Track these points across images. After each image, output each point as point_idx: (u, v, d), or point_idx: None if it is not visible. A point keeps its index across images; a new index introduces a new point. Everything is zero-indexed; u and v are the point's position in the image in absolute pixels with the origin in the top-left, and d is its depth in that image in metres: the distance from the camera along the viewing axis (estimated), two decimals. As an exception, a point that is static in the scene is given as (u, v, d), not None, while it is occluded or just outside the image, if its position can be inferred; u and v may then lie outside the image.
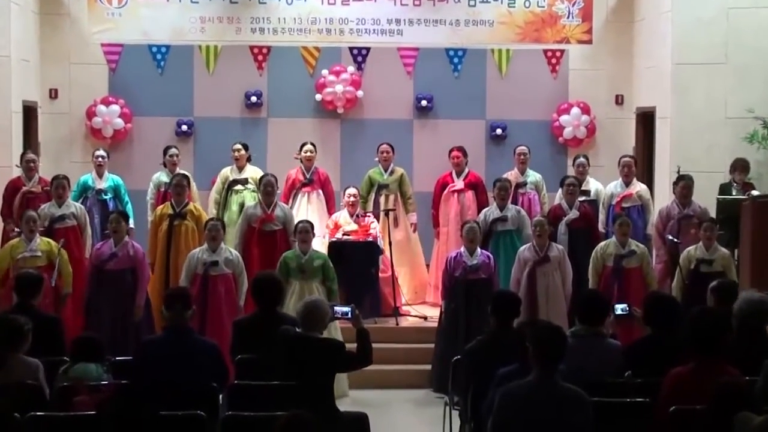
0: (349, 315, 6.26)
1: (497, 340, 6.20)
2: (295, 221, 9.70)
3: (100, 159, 10.91)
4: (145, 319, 8.89)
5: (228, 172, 11.02)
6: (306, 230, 9.11)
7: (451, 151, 11.16)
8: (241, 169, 10.98)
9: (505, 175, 10.94)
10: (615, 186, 10.64)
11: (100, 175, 10.88)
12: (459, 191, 11.05)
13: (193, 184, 10.76)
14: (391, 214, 10.67)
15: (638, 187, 10.64)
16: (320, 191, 11.02)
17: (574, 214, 9.97)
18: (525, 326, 5.53)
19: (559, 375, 4.96)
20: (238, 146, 11.03)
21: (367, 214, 10.64)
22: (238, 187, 10.90)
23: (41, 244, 8.98)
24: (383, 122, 12.38)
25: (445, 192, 11.09)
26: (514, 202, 10.71)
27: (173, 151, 11.03)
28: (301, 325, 6.08)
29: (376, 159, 11.18)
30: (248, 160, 11.06)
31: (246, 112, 12.48)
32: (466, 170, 11.13)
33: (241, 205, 10.67)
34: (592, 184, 10.97)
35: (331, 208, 10.98)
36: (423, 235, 11.33)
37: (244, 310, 8.69)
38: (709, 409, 4.87)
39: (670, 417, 5.28)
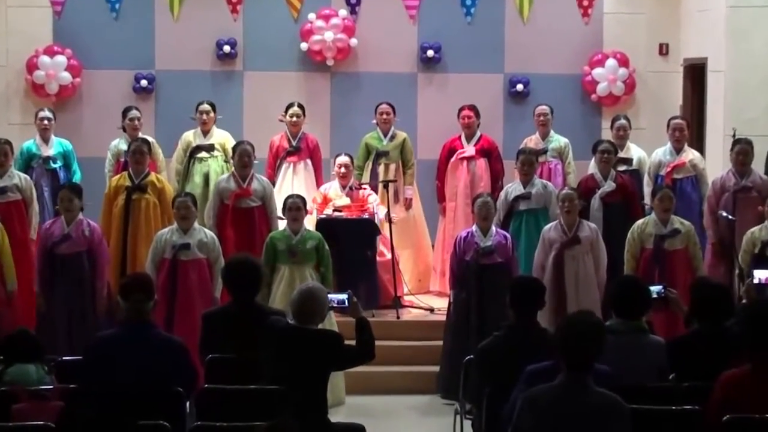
0: (345, 303, 6.27)
1: (517, 336, 6.20)
2: (276, 196, 9.68)
3: (45, 122, 10.88)
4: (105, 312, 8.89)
5: (191, 137, 10.98)
6: (297, 207, 9.12)
7: (460, 110, 11.13)
8: (206, 133, 10.95)
9: (525, 141, 10.91)
10: (663, 153, 10.59)
11: (45, 141, 10.86)
12: (469, 158, 11.03)
13: (159, 151, 10.74)
14: (391, 186, 10.64)
15: (691, 154, 10.60)
16: (308, 161, 11.01)
17: (609, 186, 9.94)
18: (564, 329, 5.27)
19: (591, 378, 4.94)
20: (207, 107, 10.99)
21: (363, 186, 10.62)
22: (203, 154, 10.87)
23: None
24: (382, 77, 12.33)
25: (453, 159, 11.07)
26: (532, 172, 10.70)
27: (134, 113, 10.99)
28: (295, 316, 6.10)
29: (374, 121, 11.15)
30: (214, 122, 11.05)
31: (217, 65, 12.43)
32: (478, 133, 11.11)
33: (206, 176, 10.68)
34: (634, 151, 10.93)
35: (318, 180, 10.96)
36: (427, 212, 11.32)
37: (221, 302, 8.66)
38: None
39: (723, 427, 5.29)
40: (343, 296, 6.30)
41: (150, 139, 10.65)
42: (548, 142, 11.13)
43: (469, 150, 11.04)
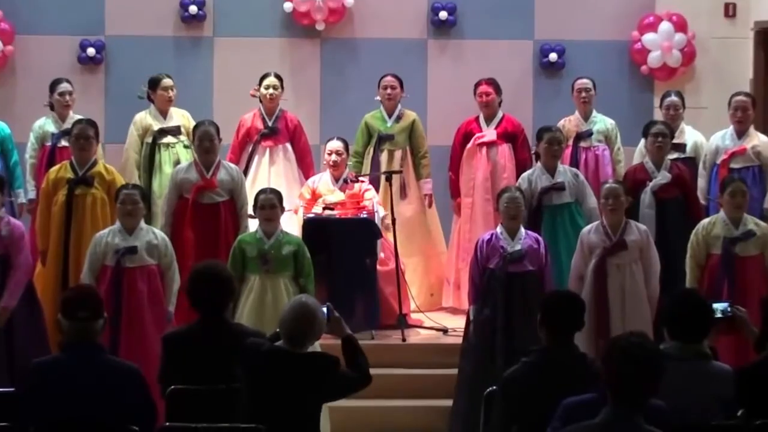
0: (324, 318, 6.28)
1: (550, 362, 6.20)
2: (247, 187, 9.70)
3: (-19, 100, 10.93)
4: (33, 331, 8.90)
5: (149, 119, 10.98)
6: (272, 204, 9.14)
7: (477, 85, 11.14)
8: (165, 114, 10.97)
9: (562, 122, 10.90)
10: (722, 138, 10.62)
11: (-21, 124, 10.91)
12: (489, 144, 11.03)
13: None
14: (396, 178, 10.65)
15: (756, 139, 10.62)
16: (289, 146, 11.00)
17: (663, 177, 9.96)
18: (613, 354, 5.18)
19: (641, 414, 4.93)
20: (171, 81, 11.01)
21: (361, 178, 10.62)
22: (168, 139, 10.89)
23: None
24: (383, 44, 12.35)
25: (469, 146, 11.08)
26: (574, 161, 10.66)
27: (64, 86, 10.97)
28: (286, 338, 6.13)
29: (377, 98, 11.16)
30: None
31: (182, 29, 12.44)
32: (500, 114, 11.12)
33: (177, 165, 10.68)
34: (689, 135, 10.96)
35: (307, 169, 10.96)
36: (441, 211, 11.33)
37: (176, 318, 8.72)
38: None
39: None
40: (322, 309, 6.31)
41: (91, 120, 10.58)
42: (591, 124, 11.11)
43: (489, 134, 11.04)
